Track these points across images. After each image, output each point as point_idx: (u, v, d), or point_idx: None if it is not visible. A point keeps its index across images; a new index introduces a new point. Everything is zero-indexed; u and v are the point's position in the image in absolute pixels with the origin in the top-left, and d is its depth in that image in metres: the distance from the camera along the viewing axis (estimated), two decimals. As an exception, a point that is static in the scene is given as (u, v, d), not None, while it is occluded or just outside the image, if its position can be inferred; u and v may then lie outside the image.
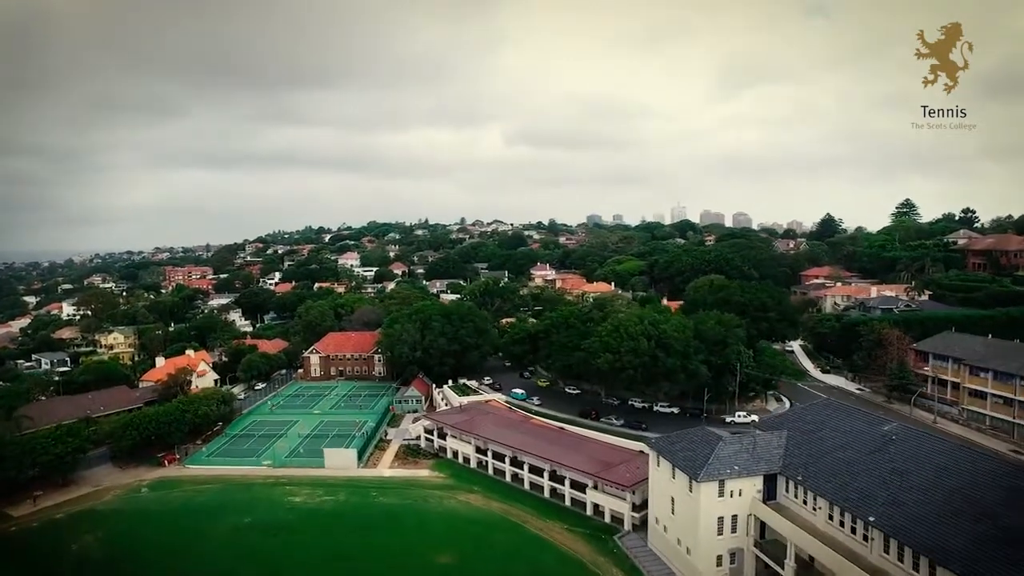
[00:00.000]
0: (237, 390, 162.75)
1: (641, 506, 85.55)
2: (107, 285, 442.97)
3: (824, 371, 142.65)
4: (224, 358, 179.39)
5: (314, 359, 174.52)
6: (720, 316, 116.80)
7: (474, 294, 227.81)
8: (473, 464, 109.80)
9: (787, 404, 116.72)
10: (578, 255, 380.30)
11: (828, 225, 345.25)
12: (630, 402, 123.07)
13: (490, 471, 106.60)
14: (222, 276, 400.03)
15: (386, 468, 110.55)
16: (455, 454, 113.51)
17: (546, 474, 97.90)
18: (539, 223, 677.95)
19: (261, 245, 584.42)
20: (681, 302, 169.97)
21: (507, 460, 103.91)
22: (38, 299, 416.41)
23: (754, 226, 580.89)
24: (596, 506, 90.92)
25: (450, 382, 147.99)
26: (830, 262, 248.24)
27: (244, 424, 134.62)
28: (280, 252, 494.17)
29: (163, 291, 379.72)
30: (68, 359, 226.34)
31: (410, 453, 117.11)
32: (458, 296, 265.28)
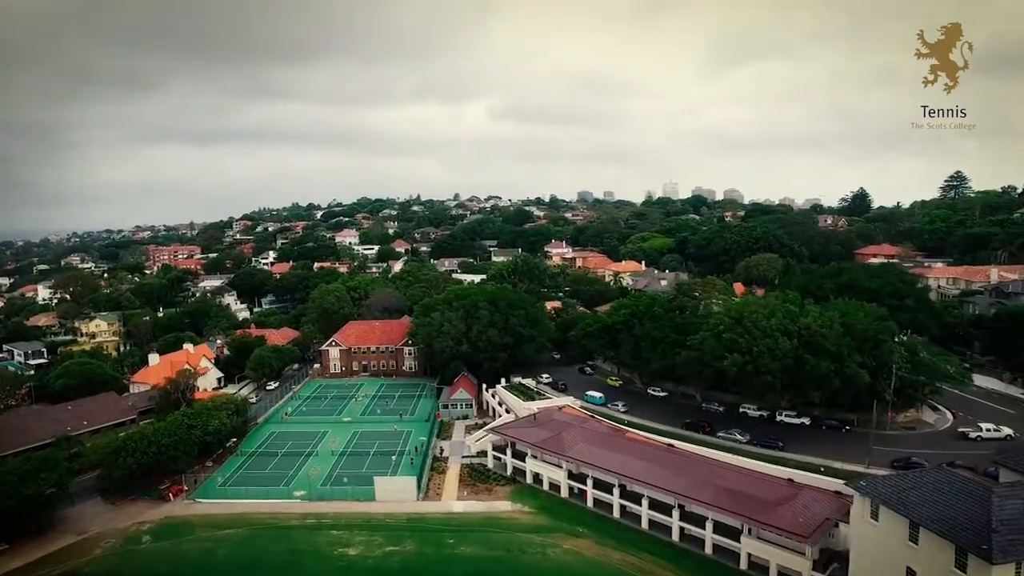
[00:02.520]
0: (246, 391, 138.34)
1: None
2: (86, 266, 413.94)
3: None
4: (227, 351, 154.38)
5: (333, 352, 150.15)
6: (867, 307, 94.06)
7: (502, 275, 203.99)
8: (564, 493, 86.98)
9: (948, 415, 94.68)
10: (592, 231, 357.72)
11: (862, 200, 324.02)
12: (742, 409, 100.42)
13: (589, 503, 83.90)
14: (211, 255, 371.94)
15: (453, 499, 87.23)
16: (536, 478, 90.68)
17: (676, 512, 75.25)
18: (538, 199, 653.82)
19: (249, 223, 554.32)
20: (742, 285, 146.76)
21: (615, 491, 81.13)
22: (11, 281, 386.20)
23: (745, 203, 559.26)
24: (753, 558, 68.67)
25: (503, 381, 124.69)
26: (886, 239, 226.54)
27: (261, 437, 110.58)
28: (271, 230, 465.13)
29: (148, 272, 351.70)
30: (45, 349, 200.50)
31: (476, 476, 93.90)
32: (480, 277, 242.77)
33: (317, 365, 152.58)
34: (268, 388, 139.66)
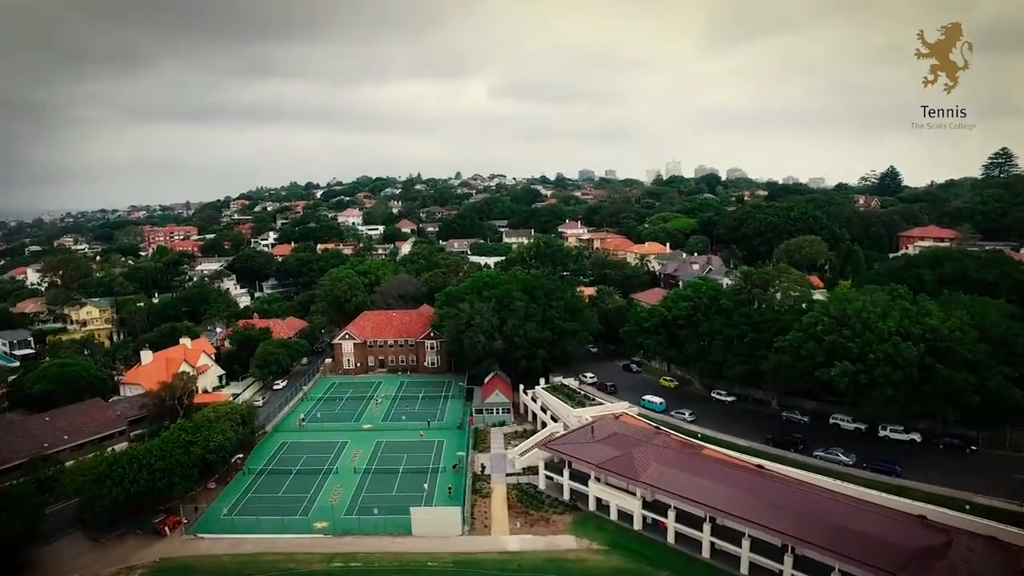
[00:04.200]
0: (250, 392, 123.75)
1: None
2: (80, 247, 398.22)
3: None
4: (228, 344, 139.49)
5: (347, 346, 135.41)
6: (996, 305, 79.36)
7: (523, 258, 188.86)
8: (636, 524, 72.86)
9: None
10: (606, 211, 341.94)
11: (892, 179, 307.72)
12: (833, 420, 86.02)
13: (670, 538, 69.80)
14: (208, 236, 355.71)
15: (506, 532, 72.97)
16: (600, 504, 76.57)
17: (788, 560, 61.08)
18: (543, 177, 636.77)
19: (247, 202, 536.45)
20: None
21: (705, 526, 66.98)
22: (2, 262, 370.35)
23: (751, 181, 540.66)
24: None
25: (541, 381, 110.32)
26: (931, 221, 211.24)
27: (271, 449, 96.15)
28: (270, 209, 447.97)
29: (142, 254, 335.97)
30: (32, 338, 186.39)
31: (527, 501, 79.68)
32: (495, 260, 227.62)
33: (329, 360, 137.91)
34: (275, 387, 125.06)
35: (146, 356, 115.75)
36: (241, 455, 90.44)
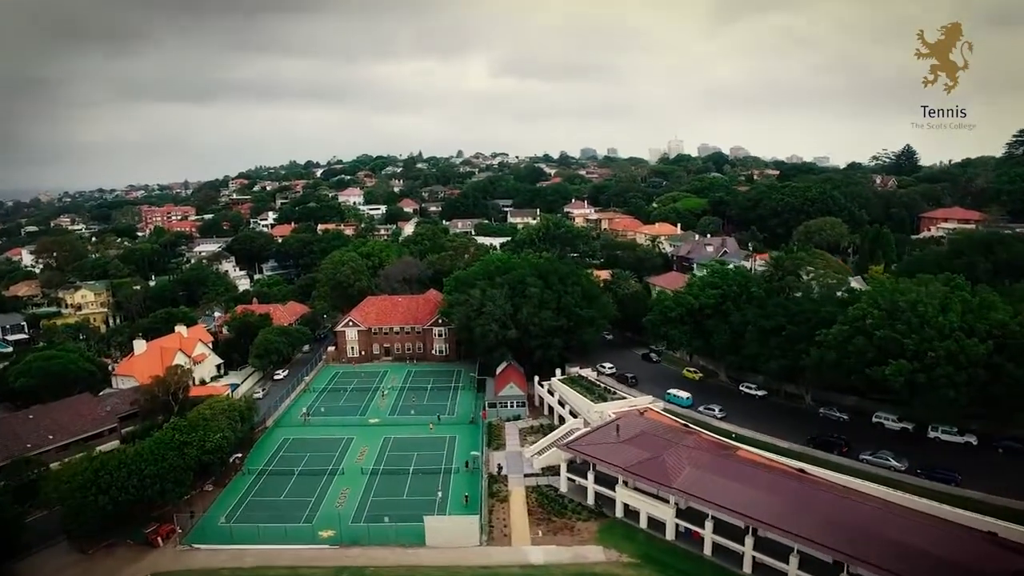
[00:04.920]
0: (250, 383, 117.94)
1: None
2: (76, 227, 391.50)
3: None
4: (226, 331, 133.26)
5: (350, 334, 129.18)
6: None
7: (532, 240, 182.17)
8: (669, 534, 67.04)
9: None
10: (613, 191, 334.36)
11: (908, 158, 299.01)
12: (876, 419, 79.83)
13: (706, 549, 64.02)
14: (206, 217, 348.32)
15: (527, 542, 67.18)
16: (628, 510, 70.79)
17: (846, 579, 55.31)
18: (546, 155, 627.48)
19: (246, 181, 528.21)
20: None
21: (747, 540, 61.13)
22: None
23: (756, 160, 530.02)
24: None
25: (558, 372, 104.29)
26: (954, 202, 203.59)
27: (272, 446, 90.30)
28: (270, 189, 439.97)
29: (140, 235, 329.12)
30: (25, 323, 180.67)
31: (548, 506, 73.87)
32: (500, 240, 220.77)
33: (332, 348, 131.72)
34: (276, 377, 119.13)
35: (139, 346, 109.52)
36: (240, 455, 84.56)
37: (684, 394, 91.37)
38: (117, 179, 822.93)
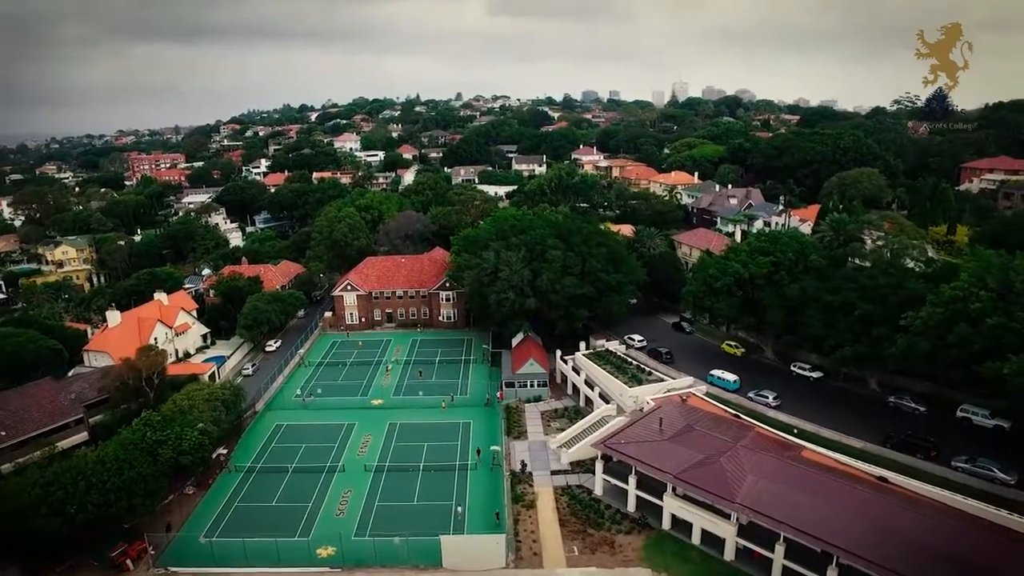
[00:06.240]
0: (239, 355, 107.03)
1: None
2: (63, 176, 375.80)
3: None
4: (213, 295, 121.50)
5: (349, 299, 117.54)
6: None
7: (543, 191, 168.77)
8: (728, 554, 56.92)
9: None
10: (623, 136, 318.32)
11: (940, 103, 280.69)
12: (962, 413, 68.62)
13: (775, 575, 53.95)
14: (196, 165, 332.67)
15: (562, 564, 57.00)
16: (675, 522, 60.59)
17: (962, 630, 45.13)
18: (549, 98, 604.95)
19: (238, 126, 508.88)
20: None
21: (831, 572, 50.89)
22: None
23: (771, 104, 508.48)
24: None
25: (582, 345, 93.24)
26: (999, 150, 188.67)
27: (262, 437, 79.70)
28: (263, 134, 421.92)
29: (128, 183, 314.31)
30: (2, 282, 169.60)
31: (583, 512, 63.69)
32: (506, 189, 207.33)
33: (329, 313, 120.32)
34: (268, 349, 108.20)
35: (113, 317, 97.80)
36: (225, 450, 74.09)
37: (731, 376, 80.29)
38: (106, 124, 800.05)
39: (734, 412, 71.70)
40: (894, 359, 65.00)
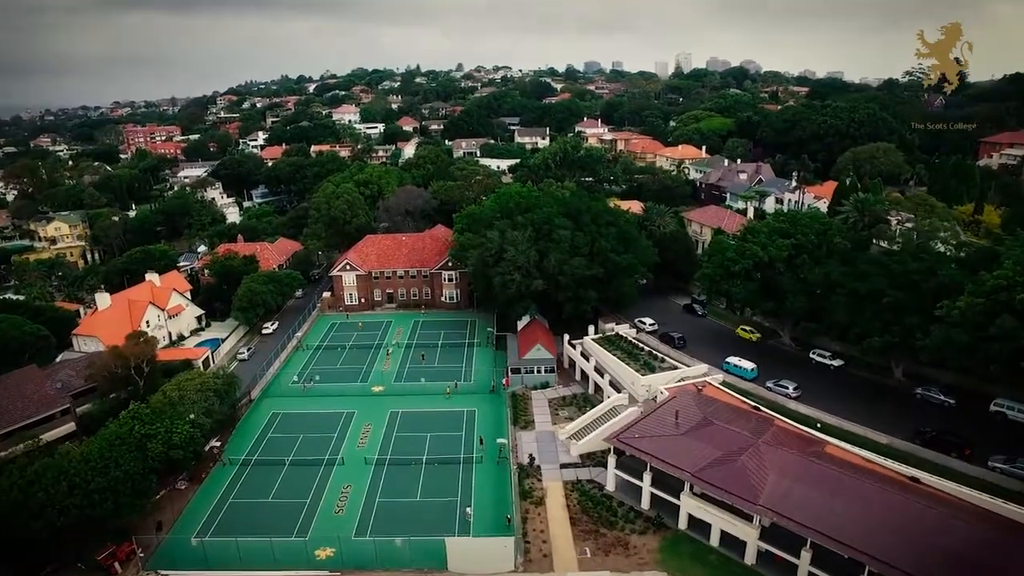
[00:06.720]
0: (235, 338, 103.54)
1: None
2: (58, 148, 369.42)
3: None
4: (208, 274, 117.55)
5: (348, 278, 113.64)
6: None
7: (547, 164, 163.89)
8: (749, 558, 53.82)
9: None
10: (628, 108, 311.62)
11: (959, 75, 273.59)
12: (996, 407, 64.93)
13: (800, 582, 50.91)
14: (192, 137, 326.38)
15: (574, 567, 53.88)
16: (692, 522, 57.43)
17: (1003, 648, 42.02)
18: (551, 69, 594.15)
19: (235, 98, 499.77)
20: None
21: (864, 579, 47.79)
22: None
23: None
24: None
25: (591, 329, 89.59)
26: (1020, 123, 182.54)
27: (258, 426, 76.43)
28: (260, 106, 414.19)
29: (123, 156, 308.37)
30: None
31: (594, 510, 60.55)
32: (508, 163, 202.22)
33: (327, 294, 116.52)
34: (264, 331, 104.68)
35: (103, 300, 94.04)
36: (219, 442, 70.87)
37: (748, 364, 76.67)
38: (102, 95, 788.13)
39: (753, 403, 68.20)
40: (927, 351, 61.15)
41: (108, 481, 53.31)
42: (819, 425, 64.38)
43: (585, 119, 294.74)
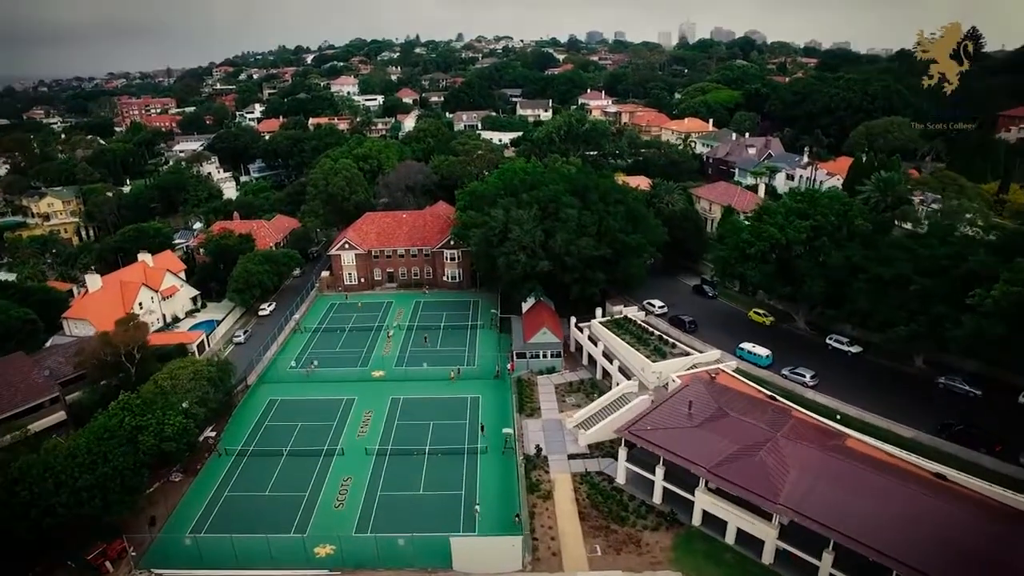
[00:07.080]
0: (231, 320, 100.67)
1: None
2: (51, 120, 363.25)
3: None
4: (203, 253, 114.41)
5: (347, 258, 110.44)
6: None
7: (551, 138, 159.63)
8: (767, 557, 51.52)
9: None
10: (632, 80, 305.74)
11: (973, 42, 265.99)
12: (1024, 396, 62.38)
13: (822, 584, 48.61)
14: (188, 110, 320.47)
15: (584, 567, 51.63)
16: (706, 518, 55.05)
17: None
18: (554, 39, 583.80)
19: (231, 69, 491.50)
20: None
21: (891, 584, 45.44)
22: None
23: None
24: None
25: (598, 312, 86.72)
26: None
27: (255, 414, 73.89)
28: (257, 77, 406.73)
29: (117, 129, 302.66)
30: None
31: (604, 504, 58.19)
32: (510, 136, 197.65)
33: (326, 273, 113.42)
34: (261, 313, 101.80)
35: (93, 282, 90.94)
36: (214, 432, 68.38)
37: (763, 351, 73.77)
38: (96, 66, 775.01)
39: (768, 392, 65.55)
40: (957, 342, 58.15)
41: (96, 478, 50.77)
42: (838, 416, 61.71)
43: (588, 91, 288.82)
